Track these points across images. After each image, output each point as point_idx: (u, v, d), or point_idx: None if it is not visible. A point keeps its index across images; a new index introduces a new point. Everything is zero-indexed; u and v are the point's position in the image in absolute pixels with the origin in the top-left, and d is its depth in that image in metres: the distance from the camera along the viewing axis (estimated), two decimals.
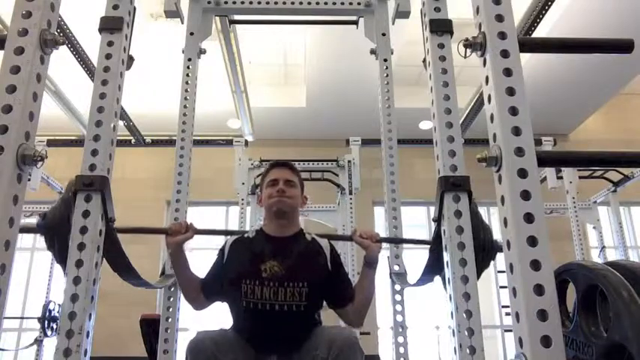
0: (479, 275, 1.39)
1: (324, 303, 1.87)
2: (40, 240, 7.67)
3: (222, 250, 1.88)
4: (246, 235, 1.93)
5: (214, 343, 1.59)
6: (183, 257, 1.83)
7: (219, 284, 1.82)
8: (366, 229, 1.90)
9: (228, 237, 1.95)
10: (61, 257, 1.35)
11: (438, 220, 1.48)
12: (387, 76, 2.68)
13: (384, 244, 1.97)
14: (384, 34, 2.77)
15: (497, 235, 1.17)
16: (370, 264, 1.84)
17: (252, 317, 1.72)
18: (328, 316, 1.97)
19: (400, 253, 2.45)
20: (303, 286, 1.71)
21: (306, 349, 1.66)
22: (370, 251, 1.83)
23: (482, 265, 1.42)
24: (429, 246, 1.58)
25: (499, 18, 1.06)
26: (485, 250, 1.43)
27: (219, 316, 1.99)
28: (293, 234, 1.87)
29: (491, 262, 1.47)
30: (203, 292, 1.83)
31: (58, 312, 5.46)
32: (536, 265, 0.90)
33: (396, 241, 2.41)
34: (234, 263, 1.81)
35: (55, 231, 1.37)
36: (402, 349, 2.26)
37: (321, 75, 6.20)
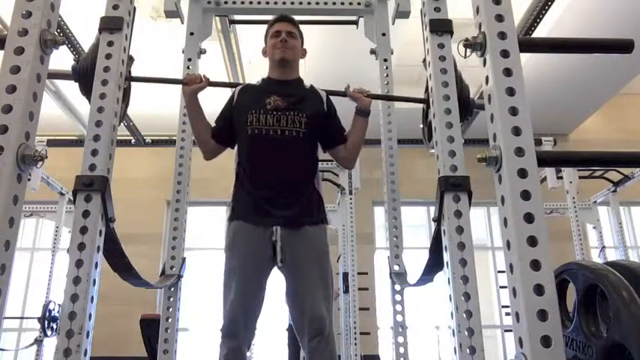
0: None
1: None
2: (40, 240, 7.68)
3: (231, 96, 2.09)
4: (253, 83, 2.18)
5: (236, 323, 1.77)
6: (198, 105, 2.02)
7: (229, 126, 2.03)
8: (358, 87, 2.12)
9: (238, 86, 2.16)
10: None
11: (438, 220, 1.48)
12: (387, 76, 2.68)
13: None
14: (384, 34, 2.77)
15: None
16: (360, 112, 2.07)
17: (257, 143, 1.92)
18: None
19: (400, 253, 2.45)
20: (302, 115, 1.94)
21: (298, 272, 1.84)
22: (361, 102, 2.07)
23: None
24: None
25: (499, 18, 1.06)
26: (462, 105, 1.58)
27: (219, 316, 1.99)
28: (294, 78, 2.12)
29: (491, 265, 1.47)
30: (214, 137, 2.05)
31: (58, 312, 5.46)
32: (536, 265, 0.90)
33: (386, 97, 2.55)
34: (243, 102, 2.03)
35: (90, 75, 1.45)
36: (402, 349, 2.26)
37: (321, 75, 6.19)
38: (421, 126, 2.06)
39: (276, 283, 1.95)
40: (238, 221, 1.91)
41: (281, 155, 1.91)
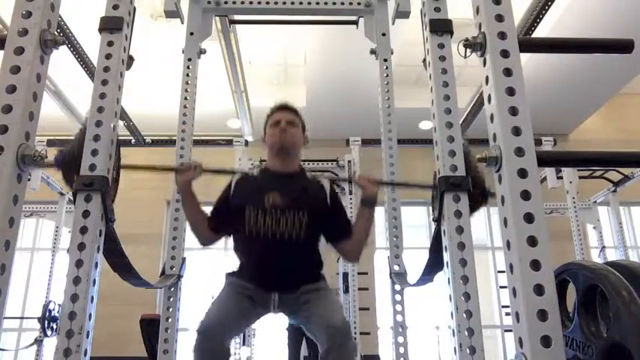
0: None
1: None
2: (40, 240, 7.67)
3: (228, 187, 1.98)
4: (251, 174, 2.09)
5: (221, 325, 1.65)
6: (192, 195, 1.92)
7: (225, 217, 1.92)
8: (364, 174, 1.99)
9: (235, 175, 2.05)
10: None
11: (437, 220, 1.48)
12: (387, 76, 2.68)
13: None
14: (384, 34, 2.77)
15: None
16: (366, 202, 1.92)
17: (255, 245, 1.82)
18: None
19: (400, 253, 2.45)
20: (302, 215, 1.81)
21: (306, 313, 1.74)
22: (367, 190, 1.91)
23: (472, 208, 1.48)
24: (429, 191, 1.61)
25: (499, 18, 1.06)
26: (478, 193, 1.49)
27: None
28: (294, 170, 1.98)
29: (491, 265, 1.47)
30: (210, 227, 1.93)
31: (58, 312, 5.46)
32: (536, 265, 0.90)
33: (394, 184, 2.48)
34: (240, 196, 1.92)
35: (72, 166, 1.39)
36: (402, 349, 2.26)
37: (321, 75, 6.20)
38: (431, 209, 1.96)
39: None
40: (235, 278, 1.85)
41: (280, 257, 1.80)
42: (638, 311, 0.85)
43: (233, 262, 1.93)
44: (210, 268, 6.45)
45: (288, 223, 1.80)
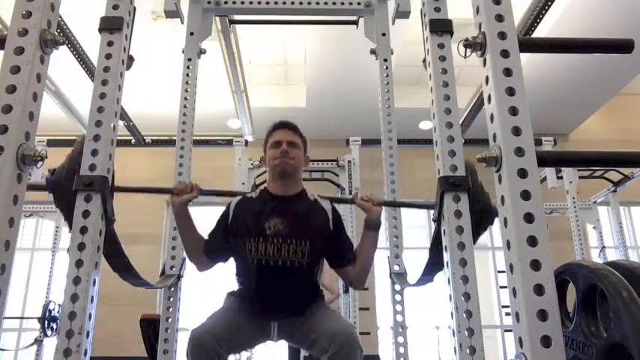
0: (475, 240, 1.41)
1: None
2: (40, 240, 7.67)
3: (226, 211, 1.91)
4: (249, 196, 1.98)
5: (213, 336, 1.60)
6: (188, 217, 1.86)
7: (223, 244, 1.86)
8: (367, 194, 1.94)
9: (233, 198, 1.98)
10: (68, 214, 1.35)
11: (437, 220, 1.48)
12: (387, 76, 2.68)
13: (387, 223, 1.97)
14: (384, 34, 2.77)
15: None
16: (370, 226, 1.88)
17: (256, 273, 1.77)
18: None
19: (400, 253, 2.45)
20: (305, 244, 1.77)
21: (307, 327, 1.71)
22: (371, 213, 1.86)
23: (478, 229, 1.45)
24: (429, 211, 1.60)
25: (499, 18, 1.06)
26: (484, 213, 1.46)
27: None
28: (296, 193, 1.92)
29: (491, 265, 1.47)
30: (206, 253, 1.87)
31: (58, 312, 5.46)
32: (536, 265, 0.90)
33: (396, 204, 2.46)
34: (239, 222, 1.85)
35: (63, 187, 1.37)
36: (402, 349, 2.26)
37: (321, 75, 6.20)
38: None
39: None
40: (236, 298, 1.84)
41: (283, 284, 1.76)
42: (638, 311, 0.85)
43: (233, 285, 1.90)
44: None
45: (290, 252, 1.76)
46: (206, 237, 1.91)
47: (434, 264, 1.62)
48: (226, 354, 1.64)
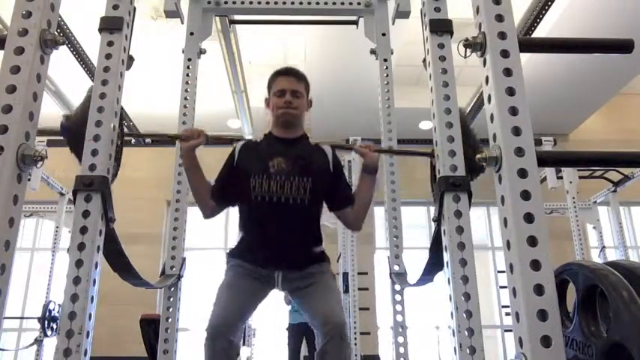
0: (472, 177, 1.50)
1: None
2: (40, 240, 7.67)
3: (232, 154, 1.98)
4: (254, 139, 2.06)
5: (226, 326, 1.67)
6: (196, 163, 1.90)
7: (230, 187, 1.92)
8: (366, 142, 2.01)
9: (238, 142, 2.04)
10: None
11: (438, 220, 1.48)
12: (387, 76, 2.68)
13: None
14: (384, 34, 2.77)
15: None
16: (369, 169, 1.94)
17: (260, 210, 1.83)
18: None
19: (400, 253, 2.45)
20: (307, 181, 1.84)
21: (306, 296, 1.79)
22: (368, 158, 1.93)
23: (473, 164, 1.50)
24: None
25: (499, 18, 1.06)
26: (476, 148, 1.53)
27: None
28: (299, 136, 1.99)
29: (491, 265, 1.47)
30: (213, 197, 1.92)
31: (58, 312, 5.46)
32: (536, 265, 0.90)
33: (393, 152, 2.54)
34: (244, 162, 1.92)
35: (77, 132, 1.40)
36: (402, 349, 2.26)
37: (321, 75, 6.19)
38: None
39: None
40: (237, 259, 1.87)
41: (285, 221, 1.83)
42: (638, 311, 0.85)
43: (234, 238, 1.95)
44: (210, 268, 6.44)
45: (292, 188, 1.83)
46: (213, 182, 1.96)
47: (434, 264, 1.62)
48: (238, 333, 1.72)
